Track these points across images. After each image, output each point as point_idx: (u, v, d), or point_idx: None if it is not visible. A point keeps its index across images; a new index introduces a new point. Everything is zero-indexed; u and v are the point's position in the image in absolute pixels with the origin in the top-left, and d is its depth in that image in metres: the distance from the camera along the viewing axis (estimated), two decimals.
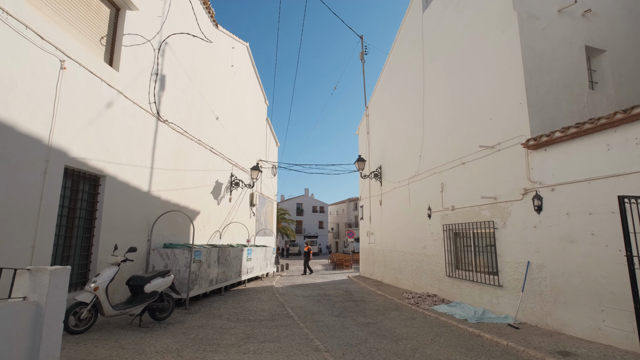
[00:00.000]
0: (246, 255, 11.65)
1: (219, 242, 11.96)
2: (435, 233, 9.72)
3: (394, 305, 8.74)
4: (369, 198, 15.56)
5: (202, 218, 10.74)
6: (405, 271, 11.56)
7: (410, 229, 11.33)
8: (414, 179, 11.14)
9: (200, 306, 8.02)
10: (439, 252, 9.47)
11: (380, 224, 14.15)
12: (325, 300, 9.48)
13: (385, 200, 13.67)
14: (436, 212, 9.73)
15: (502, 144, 7.28)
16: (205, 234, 10.93)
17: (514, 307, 6.74)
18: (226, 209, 12.65)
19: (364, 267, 15.89)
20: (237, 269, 10.80)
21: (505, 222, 7.07)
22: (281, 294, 10.44)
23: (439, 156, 9.77)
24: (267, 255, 14.52)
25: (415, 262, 10.87)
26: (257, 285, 12.37)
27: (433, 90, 10.29)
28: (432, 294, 9.55)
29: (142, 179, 7.77)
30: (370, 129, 16.02)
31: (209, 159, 11.28)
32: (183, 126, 9.62)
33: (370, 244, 15.27)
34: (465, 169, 8.51)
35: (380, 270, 13.89)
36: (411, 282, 11.06)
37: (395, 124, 13.07)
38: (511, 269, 6.88)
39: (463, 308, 7.83)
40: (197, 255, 8.13)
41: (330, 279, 15.44)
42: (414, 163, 11.16)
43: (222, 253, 9.70)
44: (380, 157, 14.45)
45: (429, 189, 10.18)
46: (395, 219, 12.58)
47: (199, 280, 8.24)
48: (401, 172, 12.23)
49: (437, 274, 9.52)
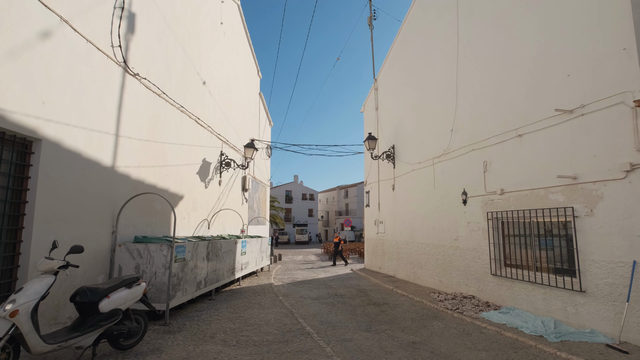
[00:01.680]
0: (240, 248, 9.72)
1: (208, 233, 9.98)
2: (474, 222, 8.00)
3: (430, 312, 7.03)
4: (378, 182, 13.77)
5: (187, 204, 8.72)
6: (427, 266, 9.89)
7: (435, 217, 9.61)
8: (442, 158, 9.36)
9: (184, 319, 6.10)
10: (479, 246, 7.78)
11: (392, 211, 12.41)
12: (341, 304, 7.70)
13: (400, 185, 11.90)
14: (475, 197, 8.00)
15: (588, 106, 5.51)
16: (191, 224, 8.93)
17: (607, 320, 5.09)
18: (215, 194, 10.63)
19: (371, 260, 14.21)
20: (230, 266, 8.88)
21: (593, 208, 5.35)
22: (284, 295, 8.60)
23: (480, 129, 7.98)
24: (263, 247, 12.62)
25: (442, 257, 9.18)
26: (254, 283, 10.49)
27: (472, 50, 8.42)
28: (468, 295, 7.90)
29: (102, 149, 5.69)
30: (380, 104, 14.11)
31: (194, 132, 9.18)
32: (161, 86, 7.49)
33: (378, 234, 13.55)
34: (523, 143, 6.75)
35: (392, 264, 12.21)
36: (436, 279, 9.39)
37: (415, 95, 11.20)
38: (602, 271, 5.20)
39: (522, 317, 6.17)
40: (181, 251, 6.17)
41: (333, 272, 13.71)
42: (443, 139, 9.36)
43: (213, 247, 7.75)
44: (393, 136, 12.61)
45: (465, 170, 8.42)
46: (413, 206, 10.84)
47: (183, 285, 6.30)
48: (423, 151, 10.43)
49: (476, 271, 7.85)
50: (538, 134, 6.42)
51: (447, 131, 9.16)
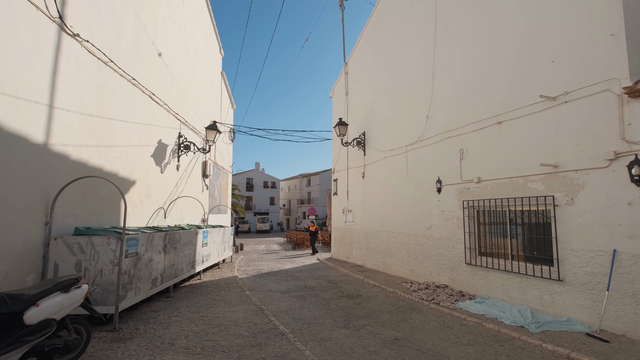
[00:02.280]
0: (201, 239, 8.90)
1: (164, 223, 9.03)
2: (448, 211, 7.86)
3: (406, 303, 6.80)
4: (347, 170, 13.40)
5: (140, 190, 7.73)
6: (398, 256, 9.73)
7: (407, 206, 9.41)
8: (416, 145, 9.12)
9: (138, 322, 5.30)
10: (454, 235, 7.66)
11: (361, 200, 12.12)
12: (313, 298, 7.26)
13: (370, 172, 11.60)
14: (450, 186, 7.84)
15: (572, 94, 5.40)
16: (144, 213, 7.96)
17: (583, 308, 5.09)
18: (172, 180, 9.64)
19: (338, 249, 13.92)
20: (190, 259, 8.06)
21: (574, 197, 5.30)
22: (251, 290, 7.98)
23: (456, 115, 7.78)
24: (225, 238, 11.81)
25: (414, 246, 9.03)
26: (216, 276, 9.73)
27: (451, 33, 8.15)
28: (441, 285, 7.80)
29: (31, 123, 4.66)
30: (350, 89, 13.65)
31: (148, 109, 8.12)
32: (108, 52, 6.41)
33: (346, 223, 13.26)
34: (502, 131, 6.61)
35: (360, 253, 11.98)
36: (407, 268, 9.26)
37: (388, 80, 10.85)
38: (581, 259, 5.18)
39: (498, 306, 6.10)
40: (133, 244, 5.32)
41: (299, 262, 13.25)
42: (417, 126, 9.11)
43: (170, 239, 6.91)
44: (364, 122, 12.24)
45: (440, 157, 8.23)
46: (385, 194, 10.60)
47: (136, 283, 5.47)
48: (395, 138, 10.15)
49: (450, 260, 7.75)
50: (519, 121, 6.28)
51: (422, 117, 8.91)
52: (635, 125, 4.63)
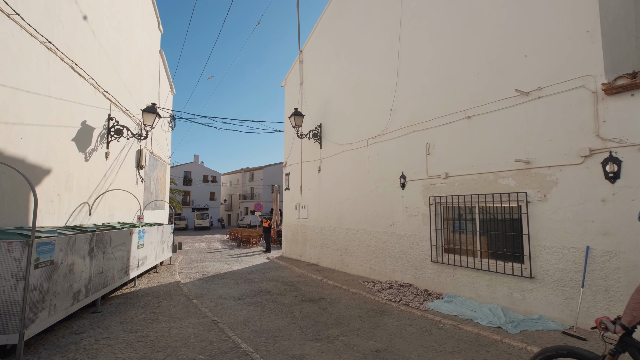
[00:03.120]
0: (137, 240, 7.58)
1: (90, 221, 7.52)
2: (413, 207, 7.63)
3: (373, 306, 6.37)
4: (300, 164, 12.73)
5: (57, 181, 6.24)
6: (357, 254, 9.35)
7: (368, 202, 9.05)
8: (379, 139, 8.77)
9: (53, 351, 4.10)
10: (418, 232, 7.44)
11: (317, 195, 11.56)
12: (272, 304, 6.50)
13: (327, 166, 11.08)
14: (415, 181, 7.60)
15: (546, 89, 5.35)
16: (63, 209, 6.47)
17: (555, 305, 5.08)
18: (100, 170, 8.10)
19: (290, 247, 13.21)
20: (123, 264, 6.77)
21: (547, 194, 5.26)
22: (199, 297, 6.96)
23: (423, 109, 7.55)
24: (164, 237, 10.43)
25: (375, 243, 8.70)
26: (155, 282, 8.42)
27: (418, 23, 7.89)
28: (405, 284, 7.55)
29: None
30: (306, 79, 12.95)
31: (69, 82, 6.61)
32: (12, 2, 4.92)
33: (299, 220, 12.60)
34: (472, 126, 6.47)
35: (315, 252, 11.43)
36: (367, 267, 8.91)
37: (348, 70, 10.37)
38: (553, 256, 5.16)
39: (467, 305, 5.95)
40: (46, 251, 4.09)
41: (249, 262, 12.29)
42: (380, 119, 8.76)
43: (98, 241, 5.64)
44: (321, 113, 11.66)
45: (404, 152, 7.96)
46: (342, 190, 10.15)
47: (51, 299, 4.24)
48: (355, 130, 9.73)
49: (414, 258, 7.52)
50: (490, 116, 6.17)
51: (386, 110, 8.58)
52: (610, 122, 4.66)
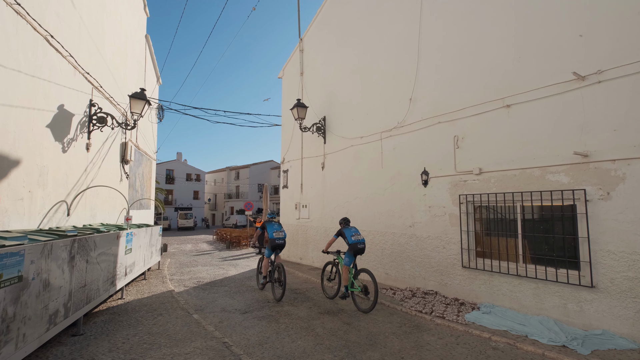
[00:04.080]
0: (124, 244, 6.55)
1: (67, 222, 6.43)
2: (438, 207, 6.90)
3: (404, 319, 5.59)
4: (301, 160, 11.85)
5: (28, 175, 5.16)
6: (368, 257, 8.56)
7: (382, 201, 8.29)
8: (395, 132, 8.02)
9: None
10: (444, 233, 6.72)
11: (320, 194, 10.71)
12: (286, 318, 5.63)
13: (332, 163, 10.25)
14: (441, 178, 6.88)
15: (607, 72, 4.70)
16: (35, 209, 5.39)
17: (623, 319, 4.42)
18: (81, 163, 7.00)
19: (288, 249, 12.29)
20: (109, 273, 5.74)
21: (611, 191, 4.61)
22: (199, 310, 6.00)
23: (449, 98, 6.84)
24: (153, 240, 9.35)
25: (391, 246, 7.95)
26: (145, 292, 7.38)
27: (444, 3, 7.16)
28: (429, 291, 6.82)
29: None
30: (307, 68, 12.07)
31: (43, 56, 5.52)
32: None
33: (300, 220, 11.72)
34: (513, 115, 5.78)
35: (318, 255, 10.58)
36: (381, 272, 8.14)
37: (357, 58, 9.57)
38: (620, 263, 4.51)
39: (511, 317, 5.26)
40: (12, 265, 3.10)
41: (244, 266, 11.31)
42: (397, 110, 8.01)
43: (81, 248, 4.62)
44: (325, 106, 10.82)
45: (426, 145, 7.23)
46: (351, 188, 9.36)
47: (19, 327, 3.25)
48: (366, 123, 8.95)
49: (439, 263, 6.80)
50: (534, 104, 5.49)
51: (404, 100, 7.83)
52: None
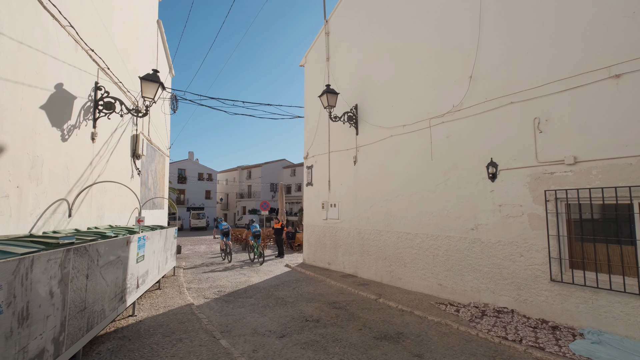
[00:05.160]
0: (136, 251, 5.47)
1: (68, 225, 5.37)
2: (512, 205, 5.66)
3: (486, 349, 4.38)
4: (328, 154, 10.68)
5: (14, 166, 4.10)
6: (415, 264, 7.36)
7: (432, 198, 7.07)
8: (449, 117, 6.79)
9: None
10: (522, 238, 5.48)
11: (352, 191, 9.53)
12: (335, 344, 4.47)
13: (366, 156, 9.05)
14: (515, 170, 5.64)
15: None
16: (26, 208, 4.32)
17: None
18: (85, 155, 5.96)
19: (314, 253, 11.16)
20: (117, 287, 4.65)
21: None
22: (226, 333, 4.89)
23: (526, 72, 5.59)
24: (168, 244, 8.29)
25: (445, 252, 6.73)
26: (160, 307, 6.30)
27: None
28: (502, 308, 5.58)
29: None
30: (334, 53, 10.90)
31: (34, 18, 4.46)
32: None
33: (327, 221, 10.56)
34: (623, 87, 4.51)
35: (351, 259, 9.41)
36: (433, 282, 6.93)
37: (394, 36, 8.35)
38: None
39: (636, 349, 4.01)
40: None
41: (266, 271, 10.20)
42: (451, 91, 6.78)
43: (79, 260, 3.53)
44: (356, 93, 9.63)
45: (494, 131, 6.00)
46: (391, 184, 8.16)
47: None
48: (410, 109, 7.74)
49: (515, 274, 5.56)
50: None
51: (461, 79, 6.60)
52: None
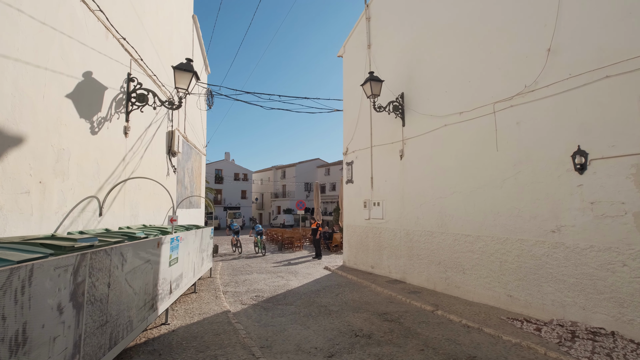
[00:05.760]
0: (168, 254, 5.00)
1: (99, 225, 5.01)
2: (610, 203, 4.58)
3: None
4: (370, 149, 9.87)
5: (36, 159, 3.71)
6: (477, 271, 6.39)
7: (497, 195, 6.08)
8: (519, 100, 5.77)
9: None
10: (626, 244, 4.39)
11: (398, 188, 8.67)
12: None
13: (414, 149, 8.16)
14: (615, 159, 4.56)
15: None
16: (51, 206, 3.94)
17: None
18: (117, 150, 5.61)
19: (356, 255, 10.39)
20: (147, 294, 4.17)
21: None
22: (266, 349, 4.27)
23: (629, 37, 4.49)
24: (204, 245, 7.88)
25: (516, 258, 5.72)
26: (194, 314, 5.83)
27: None
28: (596, 329, 4.53)
29: None
30: (375, 39, 10.07)
31: (61, 2, 4.08)
32: None
33: (370, 220, 9.76)
34: None
35: (397, 263, 8.54)
36: (501, 292, 5.94)
37: (450, 10, 7.39)
38: None
39: None
40: None
41: (305, 274, 9.58)
42: (521, 69, 5.76)
43: (95, 267, 3.03)
44: (402, 80, 8.75)
45: (582, 114, 4.93)
46: (445, 179, 7.22)
47: None
48: (467, 95, 6.77)
49: (617, 287, 4.48)
50: None
51: (535, 54, 5.56)
52: None
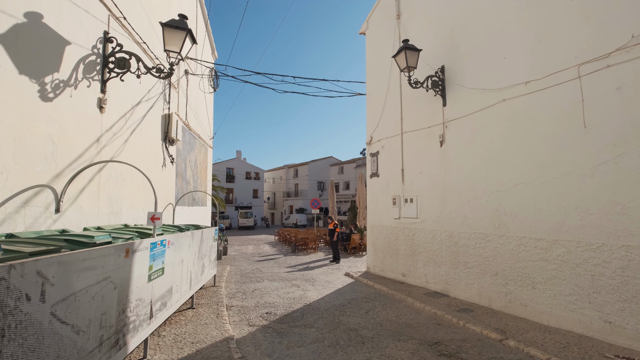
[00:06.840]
0: (146, 265, 3.68)
1: (53, 225, 3.72)
2: None
3: None
4: (400, 135, 8.41)
5: None
6: (552, 286, 4.89)
7: (585, 188, 4.57)
8: (617, 58, 4.25)
9: None
10: None
11: (438, 180, 7.20)
12: None
13: (460, 132, 6.68)
14: None
15: None
16: None
17: None
18: (87, 126, 4.34)
19: (383, 260, 8.94)
20: (105, 328, 2.84)
21: None
22: None
23: None
24: (205, 249, 6.56)
25: (622, 272, 4.20)
26: (186, 344, 4.51)
27: None
28: None
29: None
30: (407, 7, 8.60)
31: None
32: None
33: (401, 220, 8.29)
34: None
35: (436, 272, 7.07)
36: (596, 317, 4.43)
37: None
38: None
39: None
40: None
41: (324, 282, 8.19)
42: (616, 19, 4.24)
43: None
44: (442, 51, 7.28)
45: None
46: (504, 168, 5.73)
47: None
48: (536, 59, 5.27)
49: None
50: None
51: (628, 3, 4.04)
52: None
